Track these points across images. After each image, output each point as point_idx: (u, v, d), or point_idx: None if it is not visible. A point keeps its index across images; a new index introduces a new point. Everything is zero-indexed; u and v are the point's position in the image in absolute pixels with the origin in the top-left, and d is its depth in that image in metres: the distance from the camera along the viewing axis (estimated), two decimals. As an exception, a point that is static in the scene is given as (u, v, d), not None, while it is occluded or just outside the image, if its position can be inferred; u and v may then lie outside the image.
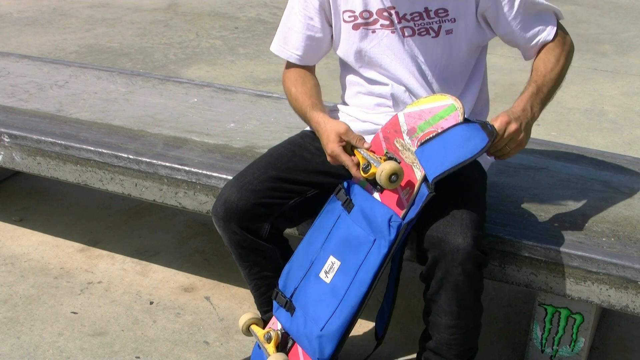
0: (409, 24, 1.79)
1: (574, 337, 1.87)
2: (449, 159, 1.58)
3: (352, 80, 1.94)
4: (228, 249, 1.90)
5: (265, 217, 1.83)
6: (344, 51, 1.90)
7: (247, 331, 1.91)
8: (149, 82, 2.90)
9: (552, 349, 1.91)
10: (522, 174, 2.13)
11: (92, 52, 5.25)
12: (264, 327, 1.90)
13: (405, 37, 1.80)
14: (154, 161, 2.18)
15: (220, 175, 2.08)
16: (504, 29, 1.80)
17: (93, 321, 2.21)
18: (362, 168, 1.68)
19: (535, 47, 1.82)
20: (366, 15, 1.81)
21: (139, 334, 2.16)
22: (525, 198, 1.98)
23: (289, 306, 1.82)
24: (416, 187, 1.63)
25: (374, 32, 1.82)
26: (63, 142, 2.31)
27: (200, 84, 2.94)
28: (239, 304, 2.32)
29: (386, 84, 1.86)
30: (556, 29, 1.81)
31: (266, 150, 1.97)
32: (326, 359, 1.72)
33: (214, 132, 2.40)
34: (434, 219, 1.64)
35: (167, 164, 2.16)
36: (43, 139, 2.34)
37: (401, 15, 1.78)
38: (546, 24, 1.80)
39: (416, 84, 1.84)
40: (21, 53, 4.26)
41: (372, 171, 1.64)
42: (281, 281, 1.87)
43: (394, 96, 1.86)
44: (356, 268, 1.69)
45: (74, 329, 2.17)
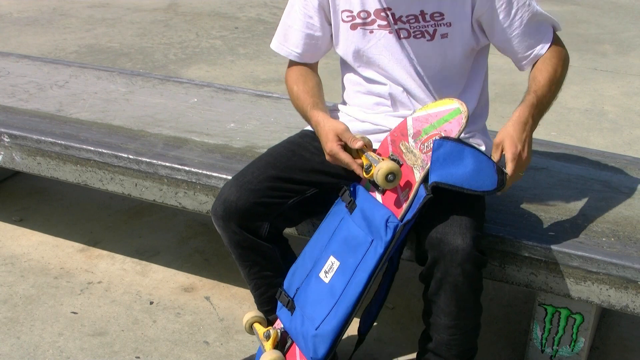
0: (404, 25, 1.78)
1: (574, 337, 1.87)
2: (454, 176, 1.59)
3: (352, 80, 1.94)
4: (227, 248, 1.90)
5: (265, 217, 1.83)
6: (343, 50, 1.90)
7: (250, 329, 1.91)
8: (149, 82, 2.90)
9: (552, 349, 1.91)
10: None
11: (92, 52, 5.26)
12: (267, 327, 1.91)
13: (402, 38, 1.80)
14: (154, 161, 2.18)
15: (220, 175, 2.08)
16: (499, 36, 1.78)
17: (93, 321, 2.21)
18: (365, 169, 1.69)
19: (528, 59, 1.80)
20: (364, 15, 1.81)
21: (139, 334, 2.16)
22: (525, 198, 1.98)
23: (291, 305, 1.82)
24: (414, 188, 1.64)
25: (372, 32, 1.82)
26: (63, 142, 2.31)
27: (200, 84, 2.94)
28: (239, 304, 2.32)
29: (384, 83, 1.86)
30: (552, 41, 1.78)
31: (266, 150, 1.98)
32: (319, 359, 1.72)
33: (214, 132, 2.40)
34: (433, 219, 1.64)
35: (167, 164, 2.16)
36: (43, 139, 2.34)
37: (397, 17, 1.78)
38: (542, 36, 1.78)
39: (414, 84, 1.84)
40: (21, 53, 4.27)
41: (373, 171, 1.65)
42: (286, 281, 1.87)
43: (392, 96, 1.86)
44: (354, 268, 1.70)
45: (74, 329, 2.17)
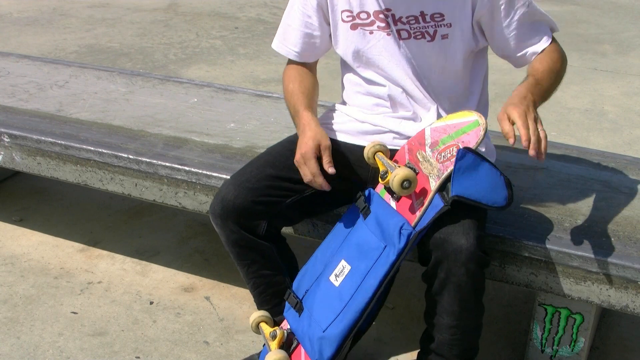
0: (404, 26, 1.78)
1: (574, 337, 1.87)
2: (473, 190, 1.61)
3: (351, 80, 1.94)
4: (226, 247, 1.90)
5: (263, 215, 1.83)
6: (343, 50, 1.90)
7: (257, 328, 1.91)
8: (149, 82, 2.90)
9: (552, 349, 1.91)
10: (522, 174, 2.13)
11: (92, 52, 5.26)
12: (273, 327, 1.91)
13: (401, 39, 1.80)
14: (154, 161, 2.18)
15: (220, 175, 2.08)
16: (498, 36, 1.78)
17: (93, 321, 2.21)
18: (381, 175, 1.73)
19: (525, 57, 1.80)
20: (364, 16, 1.81)
21: (139, 334, 2.16)
22: (525, 198, 1.98)
23: (299, 307, 1.82)
24: (429, 196, 1.65)
25: (371, 33, 1.82)
26: (63, 142, 2.31)
27: (200, 84, 2.94)
28: (239, 304, 2.32)
29: (383, 84, 1.86)
30: (550, 41, 1.78)
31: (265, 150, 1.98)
32: None
33: (214, 132, 2.40)
34: (437, 219, 1.64)
35: (167, 164, 2.16)
36: (43, 139, 2.34)
37: (397, 18, 1.78)
38: (541, 35, 1.78)
39: (412, 85, 1.83)
40: (21, 53, 4.26)
41: (389, 177, 1.67)
42: (295, 282, 1.88)
43: (391, 97, 1.86)
44: (364, 274, 1.70)
45: (74, 329, 2.17)
